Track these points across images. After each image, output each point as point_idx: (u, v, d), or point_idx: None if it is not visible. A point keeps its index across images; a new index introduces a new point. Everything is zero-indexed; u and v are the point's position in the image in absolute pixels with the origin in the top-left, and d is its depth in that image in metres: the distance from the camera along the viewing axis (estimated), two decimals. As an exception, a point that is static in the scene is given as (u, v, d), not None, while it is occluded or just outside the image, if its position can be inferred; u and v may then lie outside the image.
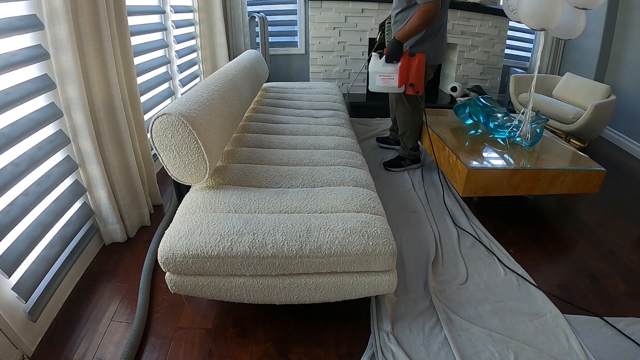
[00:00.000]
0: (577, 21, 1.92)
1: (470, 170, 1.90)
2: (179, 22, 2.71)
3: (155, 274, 1.60)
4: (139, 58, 2.09)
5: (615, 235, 2.03)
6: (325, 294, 1.29)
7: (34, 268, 1.32)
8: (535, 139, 2.20)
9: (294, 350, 1.30)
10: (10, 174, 1.22)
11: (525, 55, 4.39)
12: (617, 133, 3.37)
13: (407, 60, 2.04)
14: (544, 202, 2.33)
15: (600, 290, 1.62)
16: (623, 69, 3.33)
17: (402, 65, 2.04)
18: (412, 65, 2.04)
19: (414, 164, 2.57)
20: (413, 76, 2.05)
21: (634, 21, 3.18)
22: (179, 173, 1.38)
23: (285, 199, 1.40)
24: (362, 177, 1.62)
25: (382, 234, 1.27)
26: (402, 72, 2.04)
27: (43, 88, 1.37)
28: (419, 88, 2.09)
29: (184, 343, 1.32)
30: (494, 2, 3.82)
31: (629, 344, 1.36)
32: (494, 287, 1.60)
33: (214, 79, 1.77)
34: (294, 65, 4.12)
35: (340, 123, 2.29)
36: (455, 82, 3.83)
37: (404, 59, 2.04)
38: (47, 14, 1.31)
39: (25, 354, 1.22)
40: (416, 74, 2.04)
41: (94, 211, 1.68)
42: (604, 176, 2.01)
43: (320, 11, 3.61)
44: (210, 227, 1.23)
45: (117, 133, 1.69)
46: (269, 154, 1.77)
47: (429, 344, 1.32)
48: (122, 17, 1.69)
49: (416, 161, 2.58)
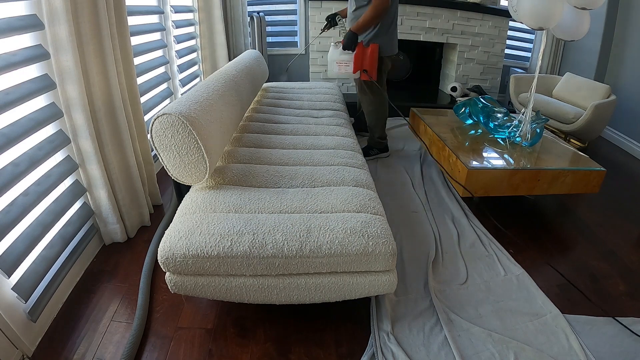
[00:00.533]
0: (580, 22, 1.92)
1: (470, 170, 1.90)
2: (179, 22, 2.71)
3: (155, 274, 1.60)
4: (139, 58, 2.09)
5: (615, 235, 2.03)
6: (325, 294, 1.29)
7: (34, 268, 1.32)
8: (535, 139, 2.20)
9: (294, 350, 1.30)
10: (10, 174, 1.22)
11: (525, 55, 4.39)
12: (617, 133, 3.38)
13: (362, 50, 2.29)
14: (544, 202, 2.33)
15: (600, 290, 1.62)
16: (623, 69, 3.33)
17: (357, 53, 2.29)
18: (366, 53, 2.29)
19: (382, 153, 2.72)
20: (367, 63, 2.31)
21: (634, 21, 3.18)
22: (179, 173, 1.38)
23: (285, 199, 1.40)
24: (362, 177, 1.62)
25: (382, 234, 1.27)
26: (356, 59, 2.30)
27: (43, 88, 1.37)
28: (372, 74, 2.34)
29: (184, 343, 1.32)
30: (494, 2, 3.82)
31: (629, 343, 1.36)
32: (494, 287, 1.60)
33: (214, 79, 1.77)
34: (294, 65, 4.12)
35: (340, 123, 2.30)
36: (455, 82, 3.83)
37: (359, 48, 2.28)
38: (47, 14, 1.31)
39: (25, 354, 1.22)
40: (369, 61, 2.29)
41: (94, 211, 1.68)
42: (604, 176, 2.01)
43: (320, 11, 3.61)
44: (210, 227, 1.23)
45: (117, 133, 1.69)
46: (269, 154, 1.77)
47: (429, 344, 1.32)
48: (122, 17, 1.69)
49: (384, 150, 2.72)
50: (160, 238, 1.43)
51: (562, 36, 2.01)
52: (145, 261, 1.64)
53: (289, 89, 3.00)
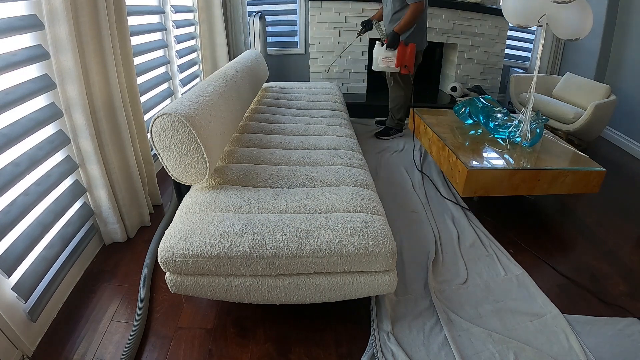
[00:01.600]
0: (583, 22, 1.92)
1: (470, 170, 1.90)
2: (179, 22, 2.71)
3: (155, 274, 1.60)
4: (139, 58, 2.09)
5: (615, 235, 2.03)
6: (325, 294, 1.29)
7: (34, 268, 1.32)
8: (535, 139, 2.20)
9: (294, 350, 1.30)
10: (10, 174, 1.22)
11: (525, 55, 4.39)
12: (617, 133, 3.38)
13: (403, 48, 2.66)
14: (544, 202, 2.33)
15: (600, 290, 1.62)
16: (623, 69, 3.33)
17: (399, 51, 2.66)
18: (406, 51, 2.66)
19: (398, 133, 3.16)
20: (407, 59, 2.68)
21: (634, 21, 3.18)
22: (179, 173, 1.38)
23: (285, 199, 1.40)
24: (362, 177, 1.62)
25: (382, 234, 1.27)
26: (399, 56, 2.67)
27: (43, 88, 1.37)
28: (410, 69, 2.73)
29: (184, 343, 1.32)
30: (494, 2, 3.82)
31: (629, 343, 1.36)
32: (494, 287, 1.60)
33: (214, 79, 1.77)
34: (294, 65, 4.12)
35: (340, 123, 2.30)
36: (455, 82, 3.83)
37: (400, 47, 2.66)
38: (47, 14, 1.31)
39: (25, 354, 1.22)
40: (409, 58, 2.68)
41: (94, 211, 1.68)
42: (604, 176, 2.01)
43: (320, 11, 3.61)
44: (210, 227, 1.23)
45: (117, 133, 1.69)
46: (269, 154, 1.77)
47: (429, 344, 1.32)
48: (122, 17, 1.69)
49: (400, 130, 3.16)
50: (160, 238, 1.43)
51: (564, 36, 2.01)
52: (145, 261, 1.64)
53: (289, 89, 3.00)
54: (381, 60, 2.71)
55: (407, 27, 2.59)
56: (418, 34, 2.71)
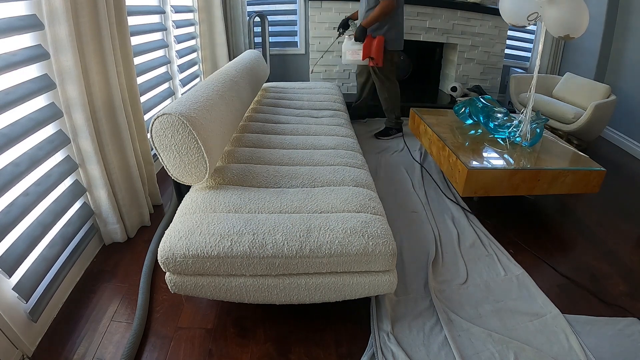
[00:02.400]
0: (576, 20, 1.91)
1: (470, 170, 1.90)
2: (179, 22, 2.71)
3: (155, 274, 1.61)
4: (139, 58, 2.09)
5: (615, 235, 2.03)
6: (325, 294, 1.29)
7: (35, 268, 1.32)
8: (535, 139, 2.20)
9: (294, 350, 1.30)
10: (10, 174, 1.22)
11: (525, 55, 4.39)
12: (617, 133, 3.38)
13: (369, 40, 2.76)
14: (544, 202, 2.33)
15: (600, 290, 1.62)
16: (623, 69, 3.33)
17: (365, 43, 2.76)
18: (373, 43, 2.74)
19: (398, 133, 3.16)
20: (373, 51, 2.75)
21: (634, 21, 3.18)
22: (179, 173, 1.38)
23: (285, 199, 1.40)
24: (362, 177, 1.62)
25: (382, 234, 1.27)
26: (365, 48, 2.77)
27: (43, 88, 1.37)
28: (378, 61, 2.78)
29: (184, 343, 1.32)
30: (494, 2, 3.82)
31: (629, 343, 1.36)
32: (494, 287, 1.60)
33: (214, 79, 1.77)
34: (294, 65, 4.12)
35: (340, 123, 2.30)
36: (455, 82, 3.83)
37: (367, 39, 2.76)
38: (47, 14, 1.31)
39: (26, 354, 1.22)
40: (376, 50, 2.73)
41: (94, 211, 1.68)
42: (604, 176, 2.01)
43: (320, 11, 3.61)
44: (210, 227, 1.23)
45: (117, 133, 1.69)
46: (269, 154, 1.77)
47: (429, 344, 1.32)
48: (122, 17, 1.69)
49: (400, 130, 3.16)
50: (160, 238, 1.43)
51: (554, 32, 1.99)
52: (145, 261, 1.64)
53: (289, 89, 3.00)
54: (349, 53, 2.82)
55: (373, 22, 2.69)
56: (391, 32, 2.77)
